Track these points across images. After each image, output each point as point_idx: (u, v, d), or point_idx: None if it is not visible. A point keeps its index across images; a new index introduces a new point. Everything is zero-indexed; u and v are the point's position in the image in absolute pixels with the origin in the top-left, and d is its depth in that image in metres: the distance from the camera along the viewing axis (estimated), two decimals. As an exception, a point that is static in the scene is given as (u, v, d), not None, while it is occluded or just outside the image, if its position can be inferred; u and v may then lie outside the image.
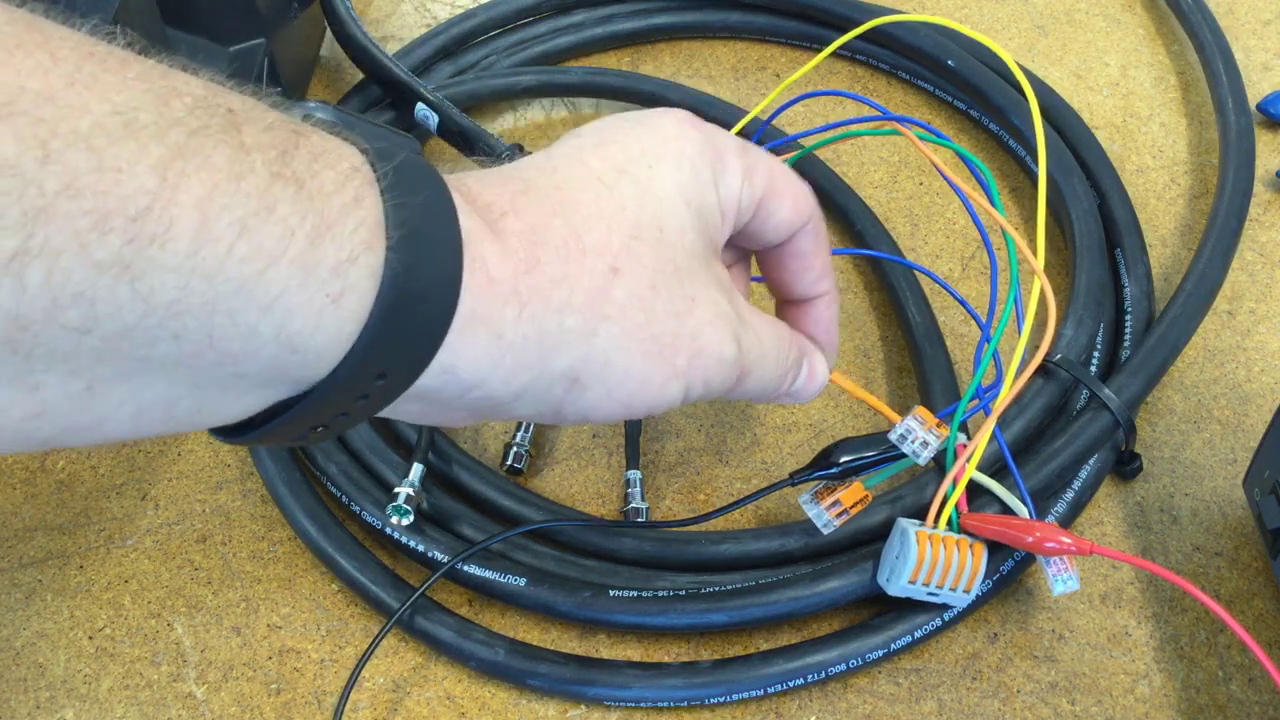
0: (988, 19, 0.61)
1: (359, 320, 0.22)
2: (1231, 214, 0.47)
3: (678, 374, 0.28)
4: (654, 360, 0.27)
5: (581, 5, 0.59)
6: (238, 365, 0.21)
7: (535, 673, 0.37)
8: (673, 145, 0.29)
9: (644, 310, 0.27)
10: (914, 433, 0.35)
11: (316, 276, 0.21)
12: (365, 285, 0.22)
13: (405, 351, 0.23)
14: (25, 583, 0.41)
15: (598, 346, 0.26)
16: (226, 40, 0.49)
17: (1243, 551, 0.40)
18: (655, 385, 0.27)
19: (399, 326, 0.23)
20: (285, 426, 0.24)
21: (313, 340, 0.22)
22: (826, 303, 0.35)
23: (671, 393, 0.28)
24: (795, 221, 0.32)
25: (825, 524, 0.36)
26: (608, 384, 0.27)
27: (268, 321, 0.21)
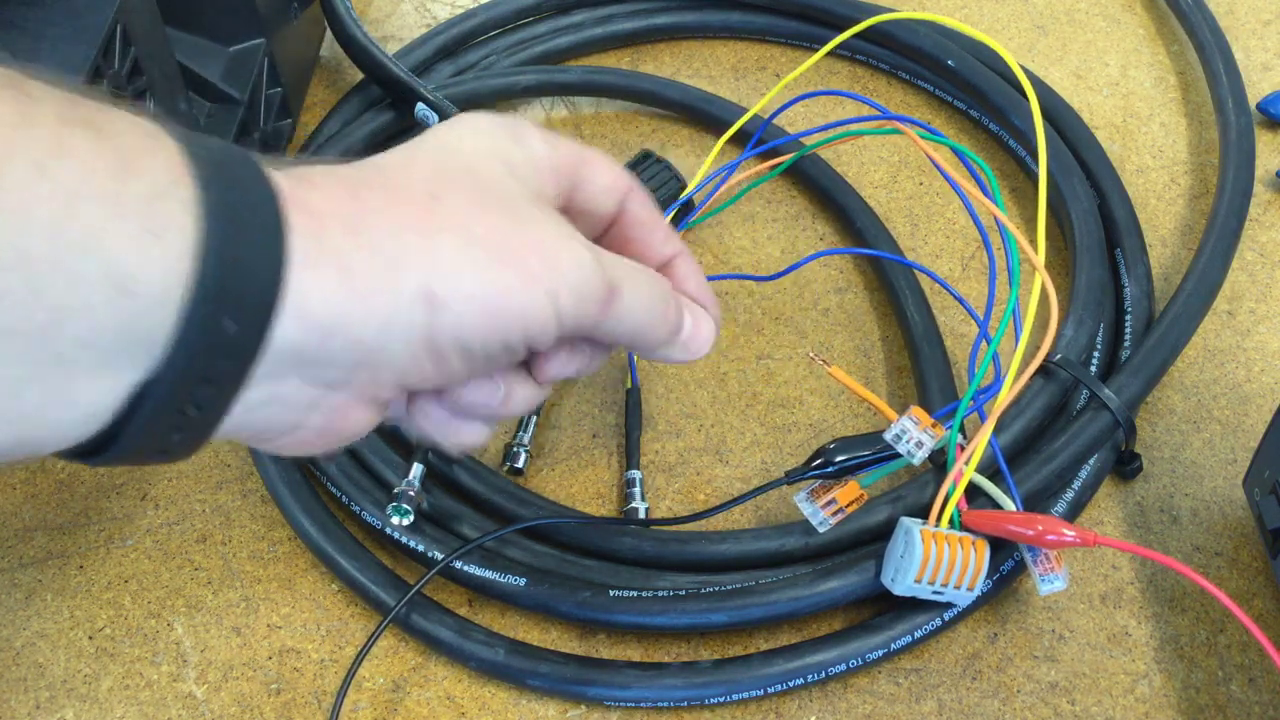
0: (988, 19, 0.61)
1: (188, 256, 0.22)
2: (1231, 214, 0.47)
3: (534, 278, 0.27)
4: (503, 264, 0.27)
5: (581, 5, 0.59)
6: (75, 324, 0.21)
7: (535, 673, 0.37)
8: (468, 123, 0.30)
9: (479, 222, 0.27)
10: (909, 433, 0.35)
11: (129, 210, 0.21)
12: (183, 220, 0.22)
13: (248, 293, 0.23)
14: (25, 583, 0.41)
15: (443, 257, 0.26)
16: (226, 40, 0.49)
17: (1243, 551, 0.40)
18: (516, 292, 0.27)
19: (233, 265, 0.22)
20: (152, 413, 0.23)
21: (143, 278, 0.21)
22: (683, 259, 0.35)
23: (537, 300, 0.27)
24: (618, 185, 0.32)
25: (821, 522, 0.36)
26: (464, 293, 0.26)
27: (90, 263, 0.21)
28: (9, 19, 0.35)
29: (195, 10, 0.48)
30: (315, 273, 0.24)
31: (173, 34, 0.45)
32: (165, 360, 0.22)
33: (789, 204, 0.52)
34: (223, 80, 0.49)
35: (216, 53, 0.49)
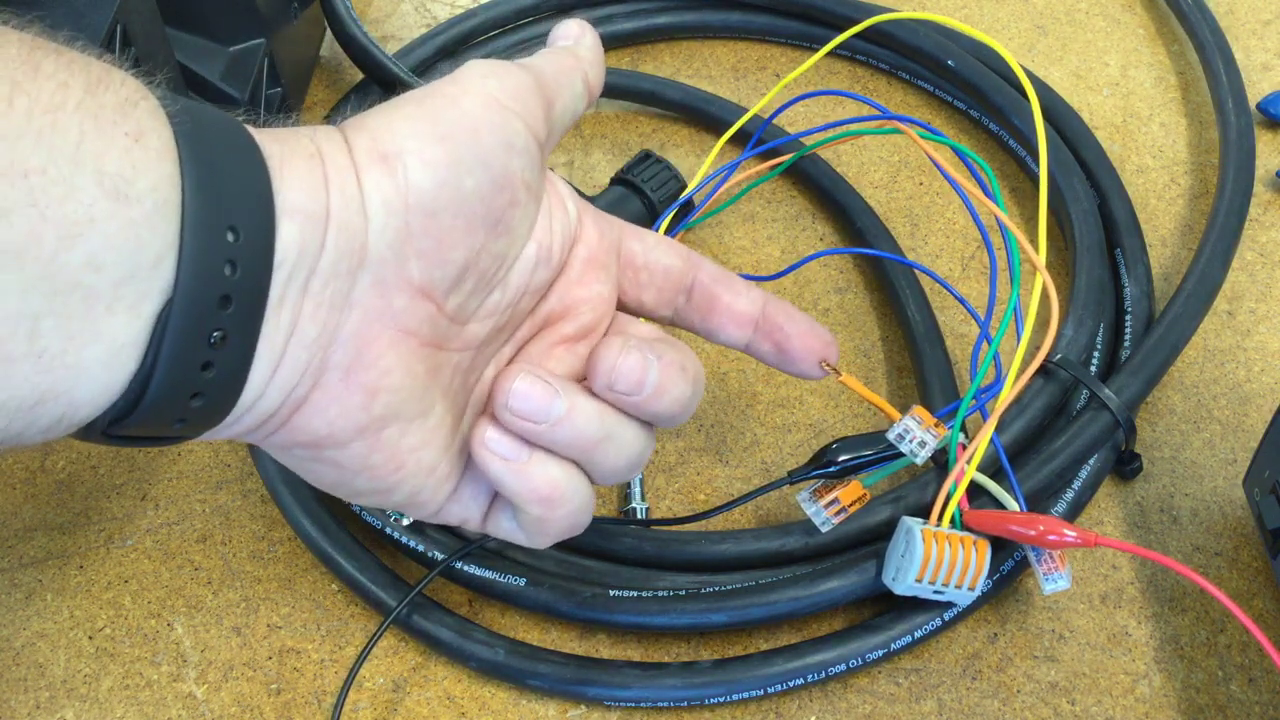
0: (988, 19, 0.61)
1: (172, 158, 0.23)
2: (1231, 214, 0.47)
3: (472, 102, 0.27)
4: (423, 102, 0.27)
5: (581, 5, 0.59)
6: (84, 243, 0.21)
7: (535, 673, 0.37)
8: None
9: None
10: (912, 432, 0.35)
11: (106, 118, 0.22)
12: (158, 125, 0.23)
13: (239, 194, 0.23)
14: (25, 583, 0.41)
15: (380, 123, 0.27)
16: (226, 40, 0.49)
17: (1243, 551, 0.40)
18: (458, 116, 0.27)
19: (216, 167, 0.23)
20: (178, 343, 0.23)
21: (136, 181, 0.22)
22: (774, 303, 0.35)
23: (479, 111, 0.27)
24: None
25: (824, 522, 0.36)
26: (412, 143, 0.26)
27: (83, 171, 0.21)
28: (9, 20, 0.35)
29: (195, 10, 0.48)
30: (293, 171, 0.25)
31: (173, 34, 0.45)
32: (178, 279, 0.23)
33: (789, 204, 0.52)
34: (223, 80, 0.49)
35: (216, 53, 0.49)
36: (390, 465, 0.28)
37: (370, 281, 0.26)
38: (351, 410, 0.26)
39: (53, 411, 0.22)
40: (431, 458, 0.28)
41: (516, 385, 0.28)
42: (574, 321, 0.31)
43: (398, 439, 0.27)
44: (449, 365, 0.28)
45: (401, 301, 0.26)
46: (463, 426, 0.30)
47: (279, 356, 0.25)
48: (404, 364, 0.27)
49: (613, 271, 0.32)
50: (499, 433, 0.28)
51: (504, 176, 0.27)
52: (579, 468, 0.30)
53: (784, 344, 0.34)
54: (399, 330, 0.26)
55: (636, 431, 0.30)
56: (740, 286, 0.34)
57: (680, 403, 0.30)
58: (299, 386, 0.26)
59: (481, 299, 0.29)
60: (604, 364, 0.29)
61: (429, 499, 0.29)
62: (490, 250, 0.28)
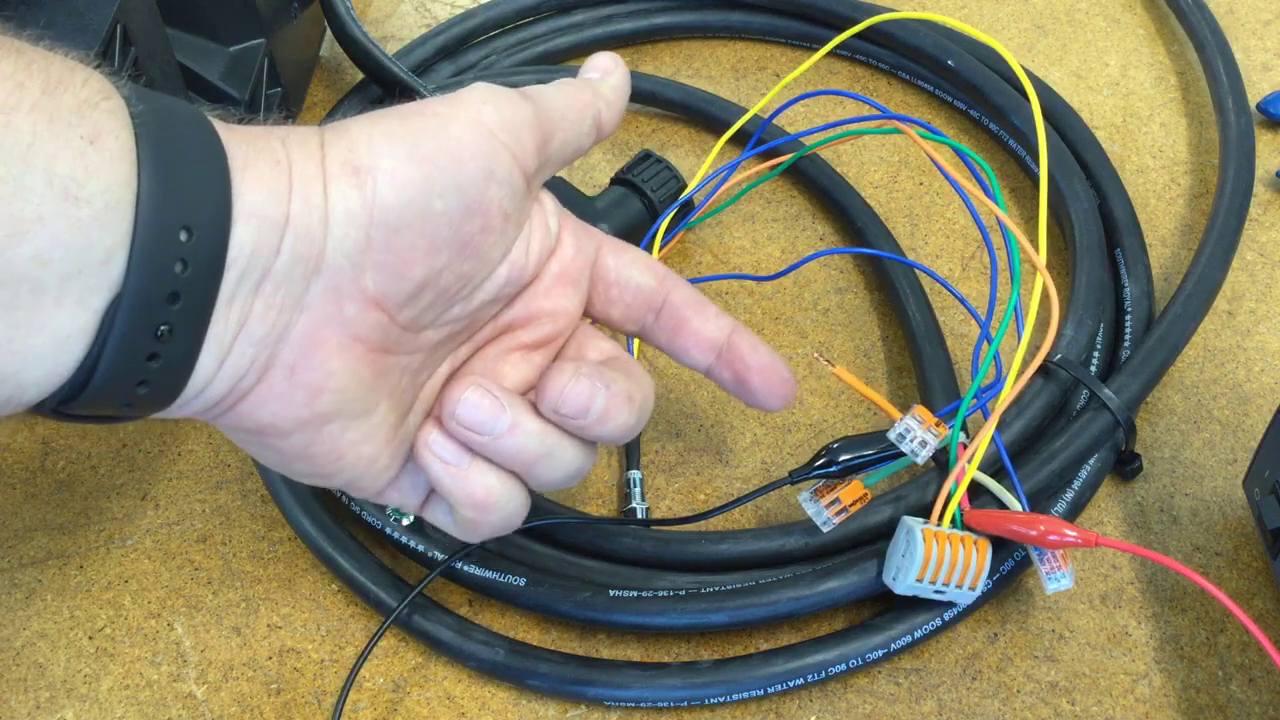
0: (988, 19, 0.61)
1: (130, 163, 0.23)
2: (1231, 214, 0.47)
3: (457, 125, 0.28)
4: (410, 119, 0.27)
5: (581, 5, 0.59)
6: (32, 239, 0.21)
7: (535, 673, 0.37)
8: None
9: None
10: (913, 431, 0.35)
11: (61, 121, 0.22)
12: (117, 127, 0.23)
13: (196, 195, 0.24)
14: (25, 583, 0.41)
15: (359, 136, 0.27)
16: (226, 40, 0.49)
17: (1243, 551, 0.40)
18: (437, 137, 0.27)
19: (175, 169, 0.23)
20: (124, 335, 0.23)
21: (87, 183, 0.22)
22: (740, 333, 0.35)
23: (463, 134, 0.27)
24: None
25: (825, 522, 0.36)
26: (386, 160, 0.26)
27: (34, 172, 0.21)
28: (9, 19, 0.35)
29: (195, 10, 0.48)
30: (255, 174, 0.25)
31: (173, 34, 0.45)
32: (128, 277, 0.23)
33: (789, 204, 0.52)
34: (223, 80, 0.49)
35: (216, 53, 0.49)
36: (330, 456, 0.28)
37: (324, 287, 0.26)
38: (294, 406, 0.27)
39: (1, 392, 0.23)
40: (371, 451, 0.29)
41: (466, 395, 0.29)
42: (534, 331, 0.32)
43: (339, 434, 0.28)
44: (398, 367, 0.29)
45: (353, 309, 0.27)
46: (409, 422, 0.30)
47: (226, 350, 0.25)
48: (349, 367, 0.27)
49: (583, 286, 0.33)
50: (443, 437, 0.29)
51: (478, 203, 0.28)
52: (517, 477, 0.30)
53: (743, 375, 0.34)
54: (348, 335, 0.27)
55: (577, 450, 0.31)
56: (710, 312, 0.34)
57: (624, 429, 0.31)
58: (245, 379, 0.26)
59: (440, 312, 0.29)
60: (553, 388, 0.29)
61: (368, 486, 0.30)
62: (454, 270, 0.28)
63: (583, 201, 0.48)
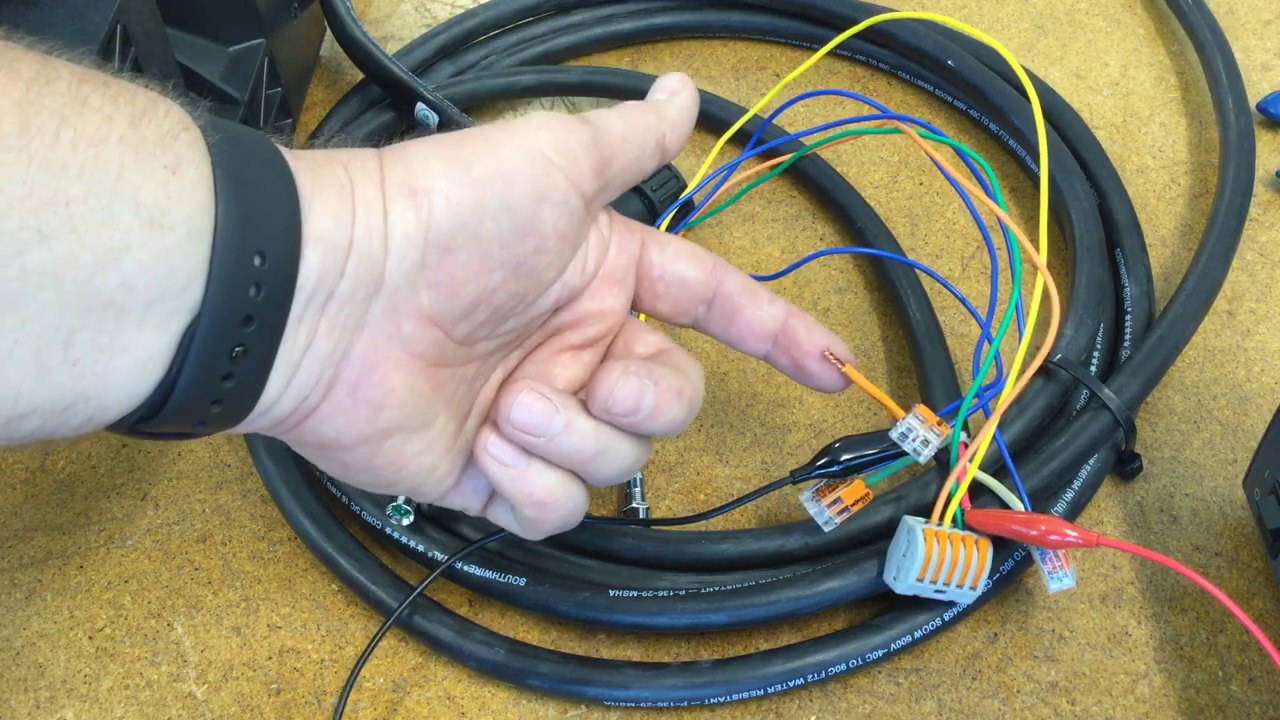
0: (988, 19, 0.61)
1: (207, 189, 0.24)
2: (1231, 214, 0.47)
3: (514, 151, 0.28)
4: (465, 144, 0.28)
5: (581, 5, 0.59)
6: (119, 266, 0.22)
7: (535, 673, 0.37)
8: None
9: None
10: (915, 431, 0.35)
11: (146, 151, 0.23)
12: (196, 157, 0.24)
13: (269, 223, 0.24)
14: (25, 583, 0.41)
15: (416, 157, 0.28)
16: (226, 40, 0.49)
17: (1243, 551, 0.40)
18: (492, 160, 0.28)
19: (249, 198, 0.24)
20: (200, 358, 0.24)
21: (171, 211, 0.23)
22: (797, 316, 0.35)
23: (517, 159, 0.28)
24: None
25: (826, 521, 0.36)
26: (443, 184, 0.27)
27: (121, 201, 0.22)
28: (9, 19, 0.35)
29: (195, 10, 0.48)
30: (323, 201, 0.26)
31: (173, 34, 0.45)
32: (206, 301, 0.24)
33: (789, 204, 0.52)
34: (223, 80, 0.49)
35: (216, 53, 0.49)
36: (392, 467, 0.29)
37: (384, 307, 0.27)
38: (357, 422, 0.28)
39: (83, 413, 0.23)
40: (432, 461, 0.30)
41: (520, 399, 0.29)
42: (583, 332, 0.32)
43: (400, 446, 0.29)
44: (454, 379, 0.30)
45: (410, 327, 0.28)
46: (467, 428, 0.31)
47: (294, 370, 0.26)
48: (409, 383, 0.28)
49: (629, 285, 0.33)
50: (500, 441, 0.30)
51: (531, 225, 0.28)
52: (575, 475, 0.31)
53: (800, 361, 0.34)
54: (406, 353, 0.28)
55: (631, 445, 0.31)
56: (764, 299, 0.34)
57: (675, 423, 0.31)
58: (310, 397, 0.27)
59: (494, 328, 0.30)
60: (602, 389, 0.30)
61: (430, 492, 0.31)
62: (508, 289, 0.29)
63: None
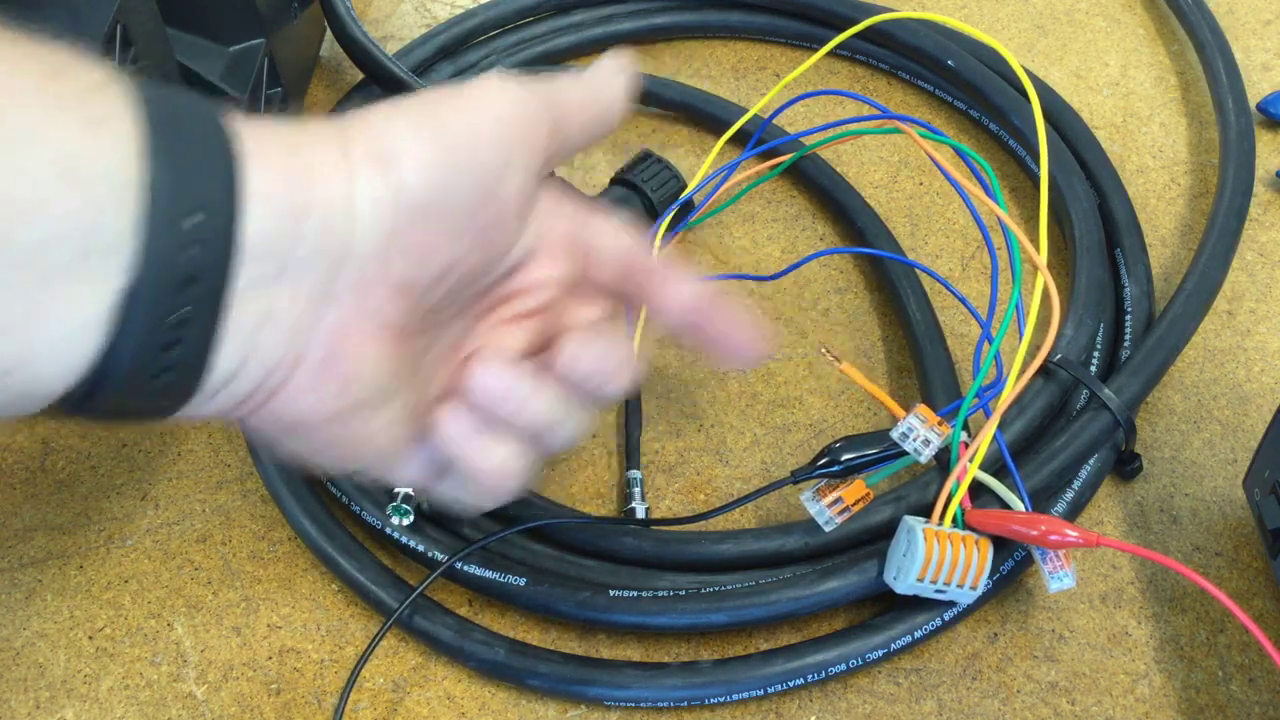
0: (988, 19, 0.61)
1: (132, 142, 0.23)
2: (1231, 214, 0.47)
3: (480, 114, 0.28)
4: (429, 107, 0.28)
5: (581, 5, 0.59)
6: (36, 222, 0.21)
7: (535, 673, 0.37)
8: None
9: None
10: (915, 430, 0.35)
11: (64, 103, 0.22)
12: (121, 109, 0.23)
13: (206, 181, 0.23)
14: (25, 583, 0.41)
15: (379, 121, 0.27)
16: (226, 40, 0.49)
17: (1243, 551, 0.40)
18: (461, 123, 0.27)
19: (180, 147, 0.23)
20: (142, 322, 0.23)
21: (90, 165, 0.22)
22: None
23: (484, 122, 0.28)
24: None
25: (827, 521, 0.36)
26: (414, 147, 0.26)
27: (33, 154, 0.21)
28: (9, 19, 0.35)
29: (195, 10, 0.48)
30: (267, 160, 0.25)
31: (173, 34, 0.45)
32: (140, 261, 0.23)
33: (789, 204, 0.52)
34: (223, 80, 0.48)
35: (216, 53, 0.49)
36: (355, 445, 0.29)
37: (353, 278, 0.26)
38: (326, 399, 0.27)
39: (16, 385, 0.23)
40: (394, 434, 0.29)
41: (490, 369, 0.30)
42: (526, 300, 0.32)
43: (366, 422, 0.28)
44: (412, 350, 0.29)
45: (380, 297, 0.27)
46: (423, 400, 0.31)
47: (251, 342, 0.25)
48: (378, 355, 0.27)
49: (571, 254, 0.32)
50: (464, 412, 0.30)
51: (497, 191, 0.28)
52: (528, 444, 0.31)
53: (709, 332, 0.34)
54: (376, 324, 0.27)
55: (585, 412, 0.32)
56: (685, 275, 0.34)
57: (626, 387, 0.32)
58: (274, 374, 0.26)
59: (455, 297, 0.29)
60: (568, 351, 0.30)
61: (383, 467, 0.31)
62: (474, 257, 0.28)
63: (583, 201, 0.48)
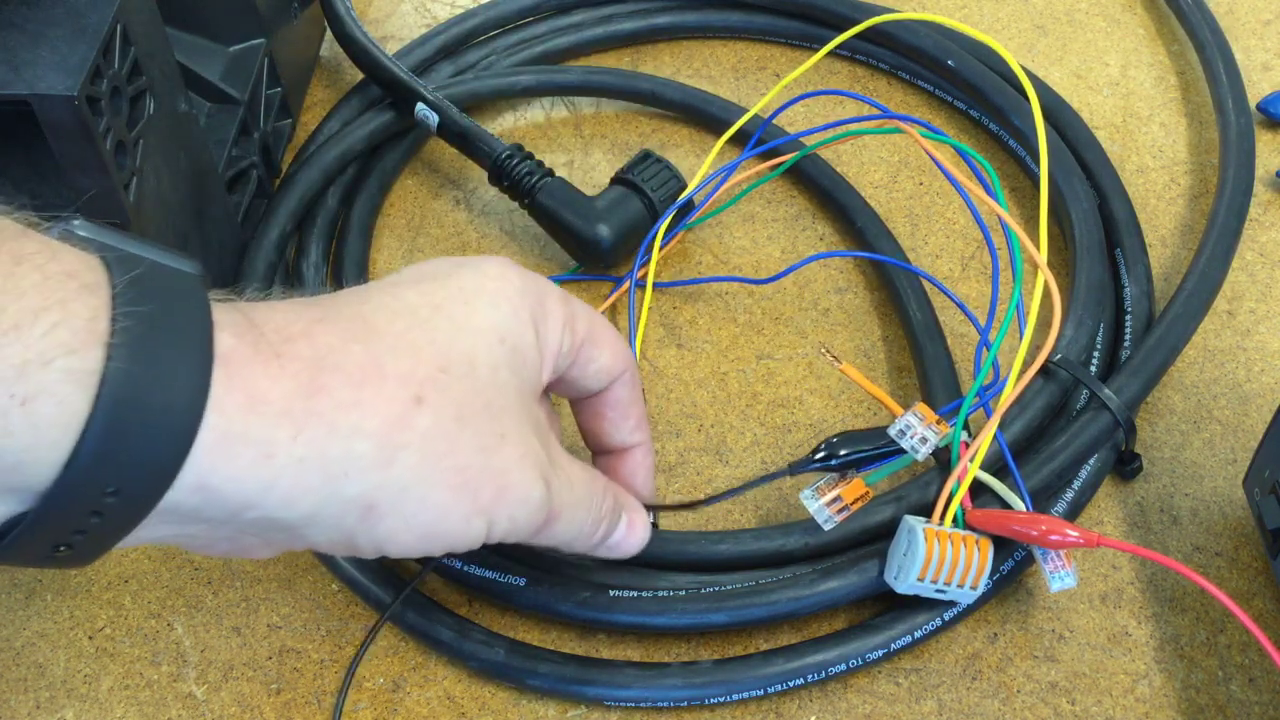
0: (988, 19, 0.61)
1: (66, 427, 0.21)
2: (1231, 214, 0.47)
3: (480, 510, 0.27)
4: (455, 493, 0.27)
5: (581, 5, 0.59)
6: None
7: (535, 673, 0.37)
8: (492, 285, 0.29)
9: (447, 441, 0.26)
10: (913, 428, 0.35)
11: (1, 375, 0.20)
12: (66, 391, 0.21)
13: (137, 466, 0.22)
14: (25, 583, 0.41)
15: (394, 475, 0.26)
16: (226, 40, 0.49)
17: (1243, 551, 0.40)
18: (456, 519, 0.27)
19: (124, 439, 0.22)
20: (21, 543, 0.23)
21: (3, 443, 0.21)
22: (643, 452, 0.35)
23: (474, 529, 0.27)
24: (614, 369, 0.33)
25: (826, 520, 0.36)
26: (404, 513, 0.26)
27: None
28: (9, 19, 0.35)
29: (195, 10, 0.48)
30: (229, 456, 0.23)
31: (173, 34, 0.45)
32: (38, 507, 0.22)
33: (789, 204, 0.52)
34: (223, 80, 0.49)
35: (216, 53, 0.49)
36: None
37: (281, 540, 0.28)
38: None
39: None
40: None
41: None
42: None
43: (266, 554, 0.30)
44: None
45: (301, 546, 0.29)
46: None
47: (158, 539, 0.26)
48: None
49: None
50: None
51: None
52: None
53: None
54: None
55: None
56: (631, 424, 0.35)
57: None
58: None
59: None
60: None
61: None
62: None
63: (583, 201, 0.48)
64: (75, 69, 0.34)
